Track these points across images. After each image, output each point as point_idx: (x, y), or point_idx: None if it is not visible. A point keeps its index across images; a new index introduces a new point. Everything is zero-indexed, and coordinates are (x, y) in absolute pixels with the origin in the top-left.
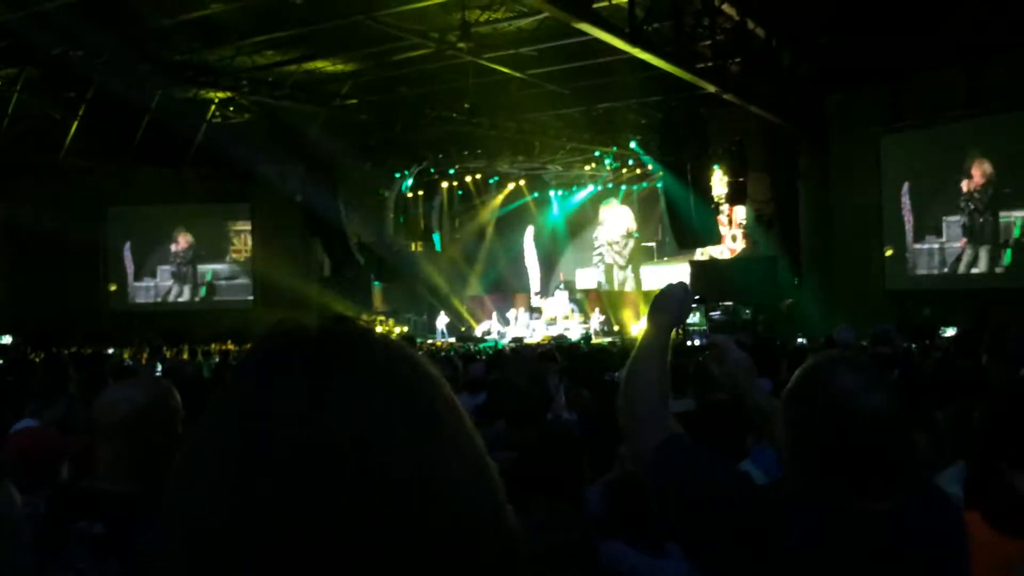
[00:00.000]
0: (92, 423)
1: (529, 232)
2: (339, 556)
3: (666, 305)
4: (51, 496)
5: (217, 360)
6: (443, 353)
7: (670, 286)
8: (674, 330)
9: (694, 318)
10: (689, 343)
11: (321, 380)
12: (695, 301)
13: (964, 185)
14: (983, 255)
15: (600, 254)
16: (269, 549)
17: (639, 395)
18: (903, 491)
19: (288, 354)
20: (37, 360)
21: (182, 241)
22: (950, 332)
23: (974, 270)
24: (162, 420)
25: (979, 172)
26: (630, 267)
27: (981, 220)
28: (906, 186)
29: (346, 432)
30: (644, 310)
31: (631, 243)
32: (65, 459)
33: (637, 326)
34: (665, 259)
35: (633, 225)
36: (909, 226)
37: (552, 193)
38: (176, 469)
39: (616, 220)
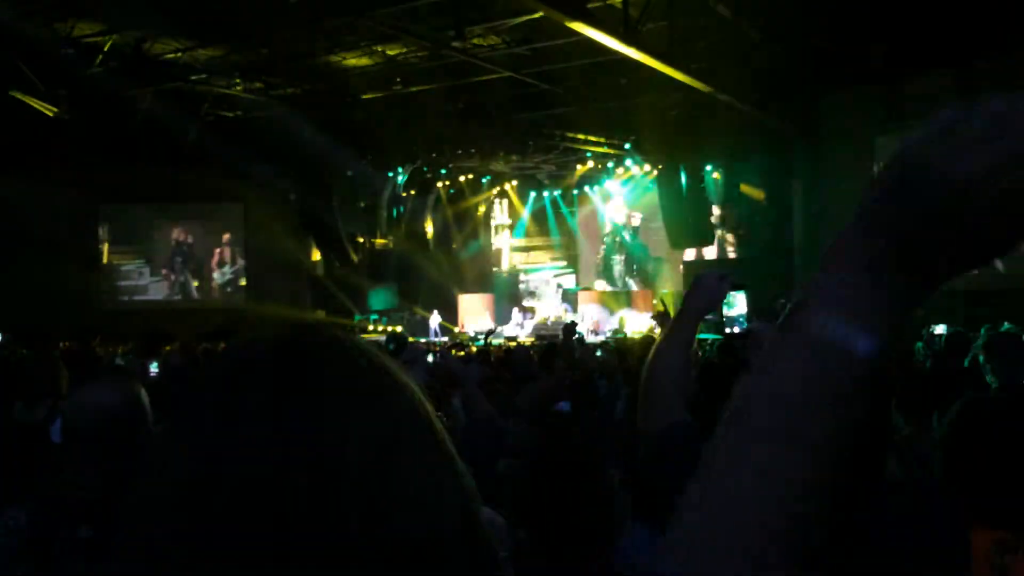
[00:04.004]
0: (64, 426)
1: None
2: (295, 572)
3: (699, 292)
4: (32, 507)
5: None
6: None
7: (706, 273)
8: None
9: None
10: (728, 331)
11: (278, 394)
12: (734, 287)
13: None
14: None
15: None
16: (222, 565)
17: (657, 378)
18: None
19: (246, 367)
20: (26, 356)
21: (174, 239)
22: (939, 329)
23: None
24: (133, 421)
25: None
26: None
27: None
28: None
29: (301, 446)
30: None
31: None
32: None
33: (633, 324)
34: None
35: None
36: None
37: (546, 193)
38: (135, 483)
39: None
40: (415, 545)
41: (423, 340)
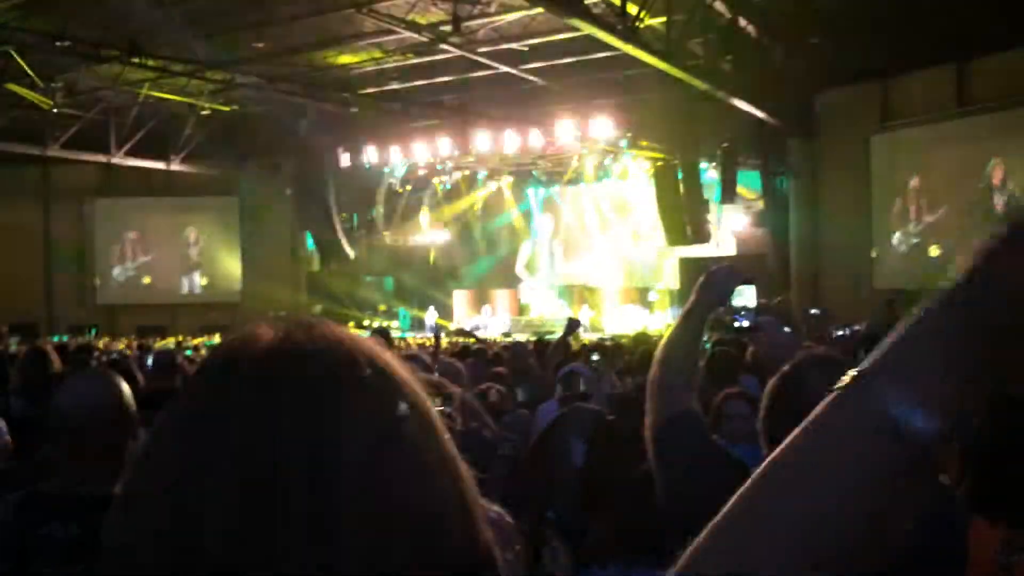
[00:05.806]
0: (49, 422)
1: (511, 228)
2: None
3: (709, 285)
4: (19, 501)
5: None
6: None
7: (717, 267)
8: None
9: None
10: (737, 324)
11: (270, 394)
12: (744, 282)
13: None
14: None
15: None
16: (215, 570)
17: (665, 368)
18: None
19: (239, 366)
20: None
21: (170, 234)
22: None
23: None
24: (117, 415)
25: (998, 175)
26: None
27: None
28: (896, 185)
29: (294, 449)
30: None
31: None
32: None
33: (627, 320)
34: None
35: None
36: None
37: (542, 190)
38: (124, 483)
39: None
40: (413, 549)
41: (419, 336)
